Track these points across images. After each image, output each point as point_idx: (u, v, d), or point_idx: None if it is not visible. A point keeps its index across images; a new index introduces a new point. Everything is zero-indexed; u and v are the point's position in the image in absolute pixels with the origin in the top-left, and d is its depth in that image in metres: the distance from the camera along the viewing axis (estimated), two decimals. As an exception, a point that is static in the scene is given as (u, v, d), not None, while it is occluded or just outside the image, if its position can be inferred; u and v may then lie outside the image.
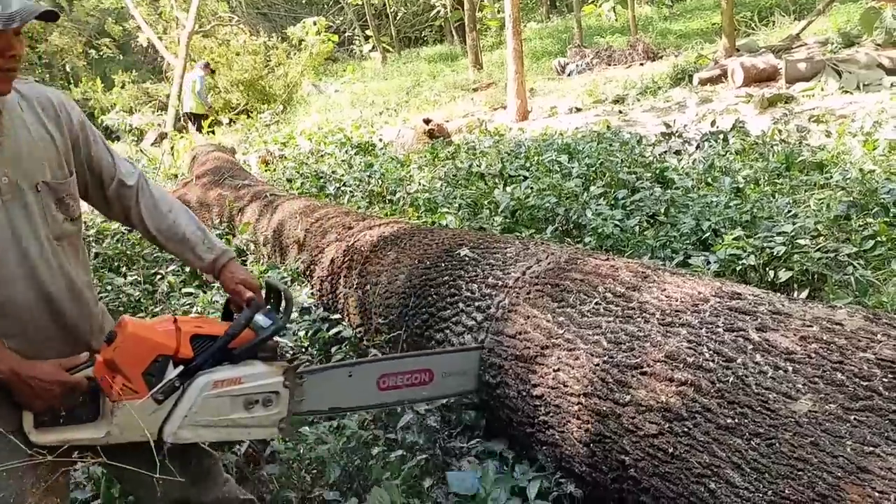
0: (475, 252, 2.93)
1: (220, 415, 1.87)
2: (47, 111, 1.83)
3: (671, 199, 4.59)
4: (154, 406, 1.80)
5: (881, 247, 3.66)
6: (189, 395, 1.84)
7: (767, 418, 1.55)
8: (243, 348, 1.92)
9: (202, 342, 1.87)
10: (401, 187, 6.12)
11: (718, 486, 1.58)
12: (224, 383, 1.86)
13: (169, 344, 1.82)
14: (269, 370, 1.94)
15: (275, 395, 1.93)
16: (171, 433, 1.83)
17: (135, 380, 1.77)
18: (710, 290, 2.02)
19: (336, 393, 2.17)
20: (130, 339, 1.77)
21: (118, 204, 2.02)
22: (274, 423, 1.95)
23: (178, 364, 1.83)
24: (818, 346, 1.61)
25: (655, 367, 1.86)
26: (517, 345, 2.33)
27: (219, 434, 1.90)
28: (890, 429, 1.37)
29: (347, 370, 2.22)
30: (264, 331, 1.94)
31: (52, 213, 1.82)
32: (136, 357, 1.78)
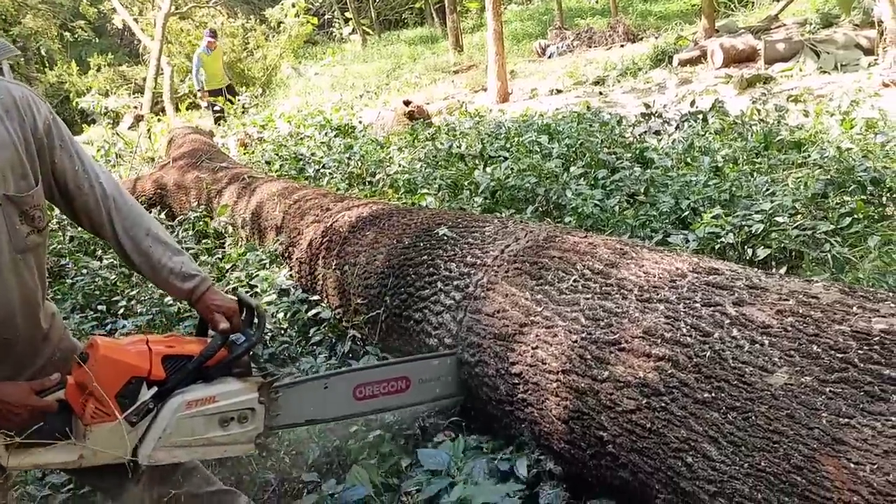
0: (454, 231, 2.91)
1: (196, 434, 1.85)
2: (10, 113, 1.68)
3: (651, 178, 4.58)
4: (128, 428, 1.77)
5: (857, 224, 3.67)
6: (163, 416, 1.81)
7: (744, 392, 1.55)
8: (217, 366, 1.90)
9: (174, 362, 1.84)
10: (380, 169, 6.08)
11: (695, 459, 1.58)
12: (198, 403, 1.85)
13: (142, 366, 1.79)
14: (244, 387, 1.93)
15: (250, 411, 1.92)
16: (145, 455, 1.80)
17: (108, 403, 1.74)
18: (687, 266, 2.01)
19: (312, 405, 2.15)
20: (103, 362, 1.73)
21: (87, 218, 1.88)
22: (250, 439, 1.94)
23: (152, 385, 1.80)
24: (794, 320, 1.61)
25: (633, 342, 1.86)
26: (496, 323, 2.31)
27: (194, 454, 1.89)
28: (865, 400, 1.37)
29: (323, 382, 2.20)
30: (238, 348, 1.93)
31: (16, 226, 1.69)
32: (109, 379, 1.74)
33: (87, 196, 1.83)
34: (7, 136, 1.66)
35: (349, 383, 2.24)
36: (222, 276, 4.26)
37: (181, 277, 1.94)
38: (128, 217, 1.90)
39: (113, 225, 1.88)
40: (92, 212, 1.86)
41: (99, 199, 1.85)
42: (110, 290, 4.24)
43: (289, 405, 2.07)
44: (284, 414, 2.06)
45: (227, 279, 4.14)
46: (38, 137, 1.72)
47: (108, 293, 4.19)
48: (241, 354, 1.93)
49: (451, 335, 2.49)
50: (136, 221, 1.92)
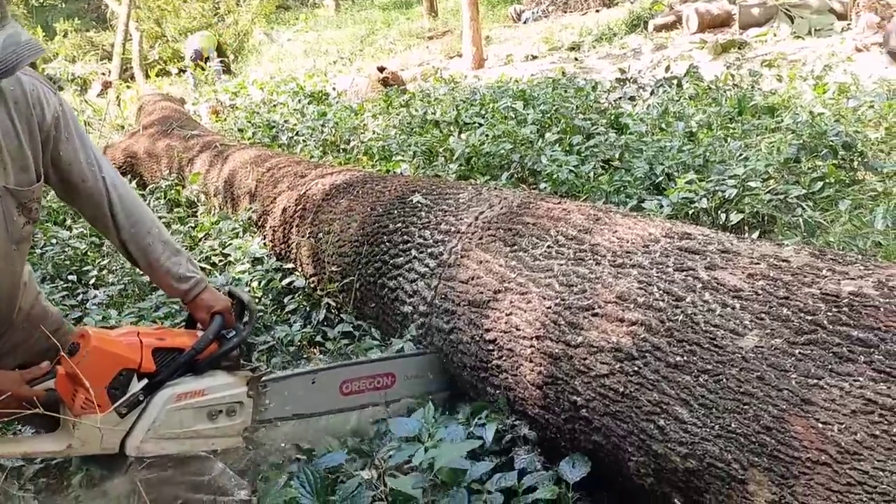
0: (428, 198, 2.89)
1: (184, 427, 1.87)
2: (19, 106, 1.67)
3: (625, 144, 4.58)
4: (116, 419, 1.78)
5: (829, 188, 3.70)
6: (152, 409, 1.83)
7: (715, 355, 1.56)
8: (207, 360, 1.91)
9: (164, 355, 1.85)
10: (355, 136, 6.02)
11: (667, 422, 1.59)
12: (187, 395, 1.86)
13: (133, 358, 1.80)
14: (233, 380, 1.95)
15: (239, 404, 1.94)
16: (133, 447, 1.82)
17: (98, 394, 1.74)
18: (660, 231, 2.02)
19: (299, 400, 2.16)
20: (94, 353, 1.74)
21: (89, 210, 1.89)
22: (238, 432, 1.97)
23: (142, 377, 1.81)
24: (765, 283, 1.62)
25: (606, 308, 1.86)
26: (470, 290, 2.31)
27: (182, 446, 1.90)
28: (833, 361, 1.38)
29: (311, 377, 2.22)
30: (227, 342, 1.95)
31: (14, 217, 1.71)
32: (99, 371, 1.75)
33: (90, 189, 1.84)
34: (11, 129, 1.65)
35: (336, 378, 2.25)
36: (195, 245, 4.21)
37: (177, 278, 1.96)
38: (130, 213, 1.91)
39: (115, 219, 1.88)
40: (95, 205, 1.86)
41: (102, 193, 1.85)
42: (81, 259, 4.18)
43: (276, 399, 2.09)
44: (272, 408, 2.07)
45: (199, 248, 4.10)
46: (44, 130, 1.72)
47: (78, 263, 4.12)
48: (231, 349, 1.96)
49: (426, 303, 2.48)
50: (138, 218, 1.92)
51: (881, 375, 1.30)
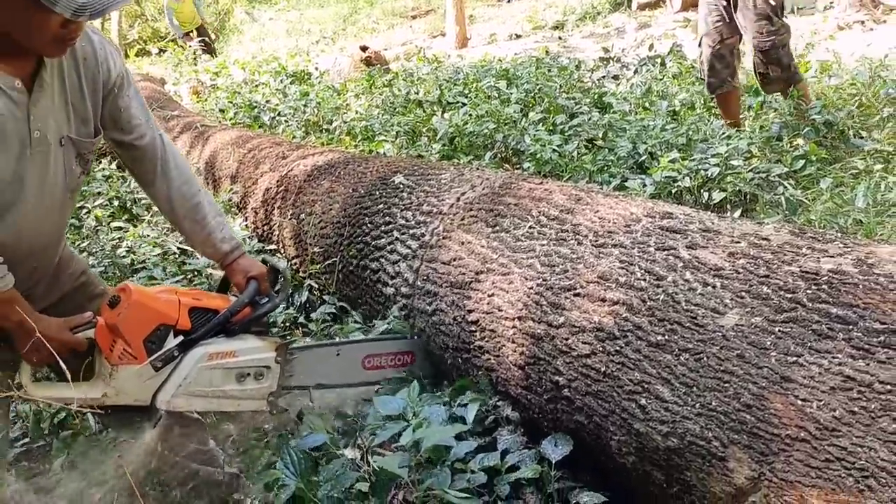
0: (410, 179, 2.87)
1: (213, 386, 1.93)
2: (88, 63, 1.79)
3: (609, 123, 4.58)
4: (151, 373, 1.85)
5: (811, 166, 3.72)
6: (185, 365, 1.89)
7: (696, 334, 1.56)
8: (239, 323, 1.99)
9: (199, 315, 1.93)
10: (337, 116, 5.97)
11: (649, 401, 1.60)
12: (219, 356, 1.93)
13: (171, 314, 1.88)
14: (263, 345, 2.01)
15: (266, 369, 2.00)
16: (164, 401, 1.88)
17: (135, 346, 1.83)
18: (642, 211, 2.01)
19: (324, 370, 2.21)
20: (135, 307, 1.82)
21: (142, 167, 2.00)
22: (263, 396, 2.01)
23: (178, 334, 1.89)
24: (746, 262, 1.62)
25: (588, 287, 1.86)
26: (452, 271, 2.30)
27: (210, 404, 1.96)
28: (813, 339, 1.39)
29: (336, 349, 2.27)
30: (261, 307, 2.02)
31: (72, 167, 1.83)
32: (139, 324, 1.83)
33: (147, 145, 1.97)
34: (77, 83, 1.77)
35: (360, 352, 2.31)
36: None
37: (221, 239, 2.08)
38: (182, 171, 2.03)
39: (167, 177, 2.00)
40: (150, 160, 1.98)
41: (157, 149, 1.98)
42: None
43: (302, 367, 2.14)
44: (297, 375, 2.13)
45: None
46: (108, 88, 1.84)
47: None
48: (264, 314, 2.03)
49: (408, 284, 2.47)
50: (189, 177, 2.05)
51: (860, 352, 1.31)
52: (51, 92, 1.72)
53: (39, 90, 1.70)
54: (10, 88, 1.66)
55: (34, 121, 1.70)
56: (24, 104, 1.68)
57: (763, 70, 4.19)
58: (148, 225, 4.24)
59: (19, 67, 1.67)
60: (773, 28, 4.10)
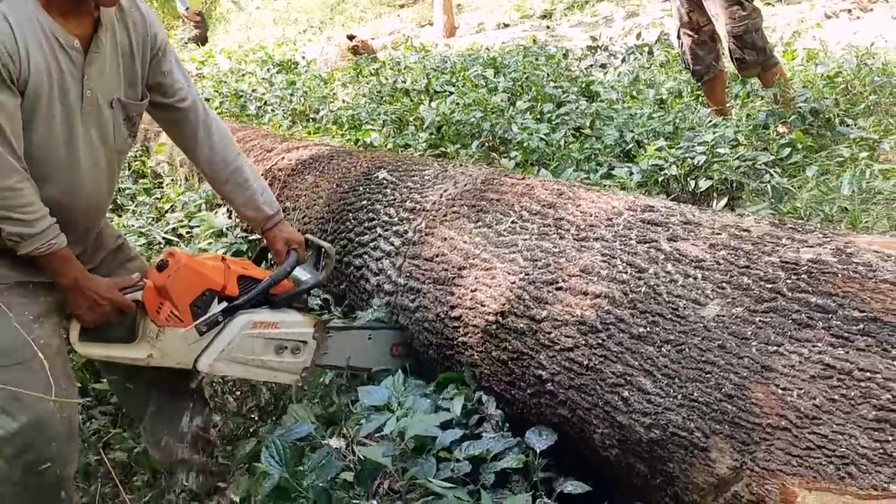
0: (394, 175, 2.85)
1: (253, 354, 1.99)
2: (137, 28, 1.86)
3: (596, 112, 4.56)
4: (195, 337, 1.91)
5: (797, 154, 3.72)
6: (229, 331, 1.94)
7: (678, 325, 1.56)
8: (283, 297, 2.05)
9: (247, 283, 1.98)
10: (324, 105, 5.94)
11: (631, 393, 1.59)
12: (263, 325, 1.99)
13: (218, 280, 1.93)
14: (303, 320, 2.07)
15: (303, 344, 2.06)
16: (206, 364, 1.93)
17: (182, 309, 1.88)
18: (623, 205, 2.00)
19: (356, 352, 2.25)
20: (184, 270, 1.88)
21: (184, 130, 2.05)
22: (298, 370, 2.07)
23: (223, 300, 1.94)
24: (726, 253, 1.62)
25: (570, 281, 1.85)
26: (435, 268, 2.29)
27: (248, 372, 2.02)
28: (793, 328, 1.38)
29: (368, 333, 2.31)
30: (304, 284, 2.09)
31: (121, 129, 1.90)
32: (187, 288, 1.88)
33: (189, 107, 2.03)
34: (128, 47, 1.85)
35: (390, 339, 2.35)
36: (161, 217, 4.16)
37: (264, 202, 2.13)
38: (223, 134, 2.09)
39: (210, 140, 2.05)
40: (192, 122, 2.04)
41: (199, 114, 2.04)
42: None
43: (336, 347, 2.18)
44: (331, 354, 2.17)
45: (166, 220, 4.04)
46: (154, 53, 1.92)
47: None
48: (307, 290, 2.10)
49: (391, 281, 2.46)
50: (230, 140, 2.11)
51: (839, 340, 1.31)
52: (104, 54, 1.78)
53: (95, 51, 1.76)
54: (70, 47, 1.72)
55: (87, 81, 1.76)
56: (80, 64, 1.74)
57: (739, 55, 4.19)
58: (133, 215, 4.22)
59: (77, 27, 1.73)
60: (745, 13, 4.10)
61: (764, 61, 4.25)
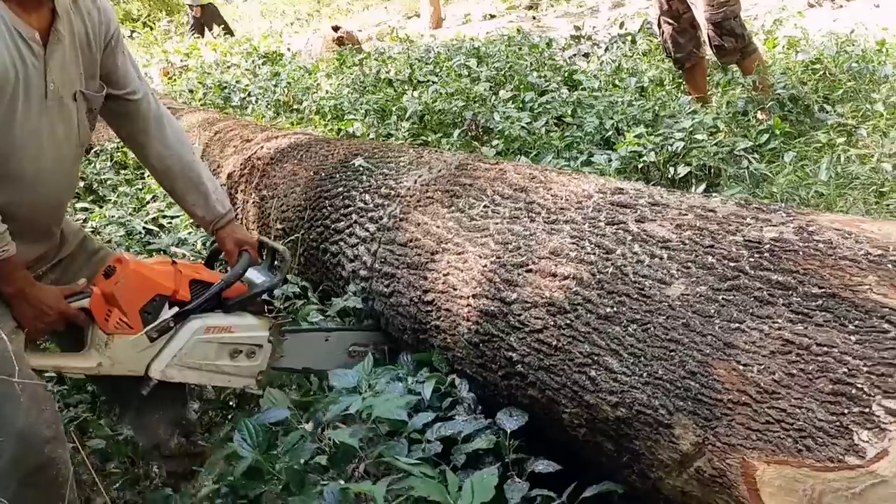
0: (370, 162, 2.85)
1: (207, 359, 1.95)
2: (92, 17, 1.81)
3: (578, 100, 4.57)
4: (146, 343, 1.86)
5: (775, 140, 3.74)
6: (181, 336, 1.90)
7: (643, 305, 1.57)
8: (236, 300, 2.00)
9: (199, 287, 1.93)
10: (307, 96, 5.92)
11: (598, 372, 1.60)
12: (216, 329, 1.95)
13: (168, 285, 1.88)
14: (258, 323, 2.04)
15: (258, 347, 2.03)
16: (158, 371, 1.89)
17: (132, 315, 1.83)
18: (594, 188, 2.01)
19: (312, 355, 2.22)
20: (133, 276, 1.82)
21: (134, 125, 1.99)
22: (253, 374, 2.04)
23: (174, 305, 1.89)
24: (692, 233, 1.63)
25: (540, 263, 1.85)
26: (408, 253, 2.29)
27: (202, 378, 2.00)
28: (755, 305, 1.39)
29: (325, 335, 2.28)
30: (258, 286, 2.03)
31: (84, 122, 1.84)
32: (136, 294, 1.83)
33: (141, 101, 1.97)
34: (85, 37, 1.79)
35: (347, 341, 2.32)
36: (142, 207, 4.14)
37: (216, 201, 2.07)
38: (175, 129, 2.03)
39: (162, 134, 1.99)
40: (143, 117, 1.97)
41: (151, 107, 1.98)
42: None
43: (292, 349, 2.15)
44: (287, 357, 2.14)
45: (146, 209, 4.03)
46: (107, 44, 1.87)
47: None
48: (261, 293, 2.04)
49: (366, 267, 2.46)
50: (182, 138, 2.05)
51: (798, 316, 1.31)
52: (64, 45, 1.73)
53: (55, 43, 1.71)
54: (31, 40, 1.67)
55: (50, 73, 1.71)
56: (42, 56, 1.69)
57: (718, 42, 4.21)
58: (114, 206, 4.20)
59: (37, 19, 1.68)
60: (723, 0, 4.12)
61: (743, 48, 4.27)
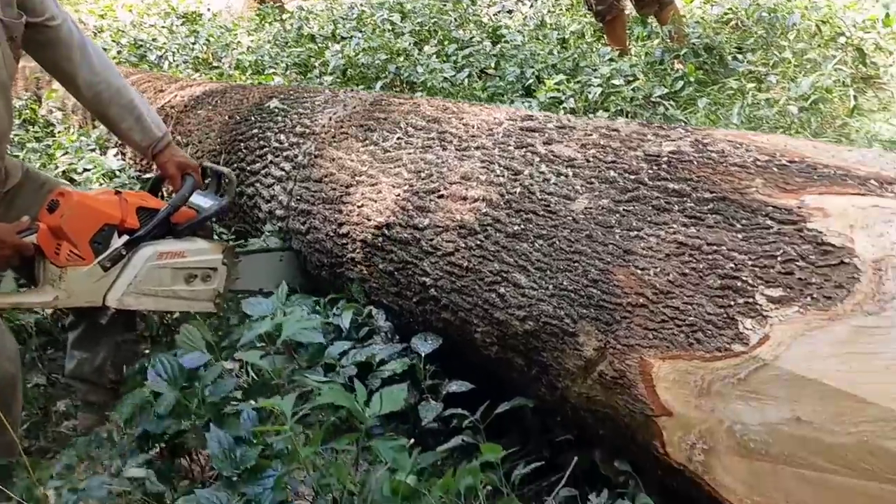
0: (285, 103, 2.80)
1: (162, 285, 1.96)
2: None
3: (501, 52, 4.57)
4: (100, 273, 1.87)
5: (689, 87, 3.82)
6: (134, 264, 1.91)
7: (549, 220, 1.59)
8: (186, 225, 2.01)
9: (146, 214, 1.94)
10: (227, 52, 5.76)
11: (507, 289, 1.62)
12: (168, 255, 1.95)
13: (115, 214, 1.88)
14: (210, 247, 2.05)
15: (213, 271, 2.04)
16: (115, 299, 1.90)
17: (82, 247, 1.84)
18: (505, 116, 2.02)
19: (267, 275, 2.24)
20: (78, 208, 1.82)
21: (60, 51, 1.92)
22: (210, 297, 2.05)
23: (123, 234, 1.90)
24: (596, 151, 1.66)
25: (451, 188, 1.86)
26: (324, 188, 2.27)
27: (159, 304, 2.00)
28: (652, 213, 1.43)
29: (279, 255, 2.32)
30: (206, 211, 2.04)
31: (7, 50, 1.78)
32: (83, 225, 1.84)
33: (62, 29, 1.90)
34: None
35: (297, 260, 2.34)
36: (51, 161, 3.98)
37: (153, 123, 2.03)
38: (100, 56, 1.98)
39: (88, 62, 1.93)
40: (66, 45, 1.91)
41: (73, 33, 1.92)
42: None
43: (248, 271, 2.17)
44: (243, 279, 2.16)
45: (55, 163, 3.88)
46: None
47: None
48: (210, 216, 2.06)
49: (283, 206, 2.43)
50: (109, 63, 2.00)
51: (691, 220, 1.36)
52: None
53: None
54: None
55: None
56: None
57: None
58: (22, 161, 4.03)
59: None
60: None
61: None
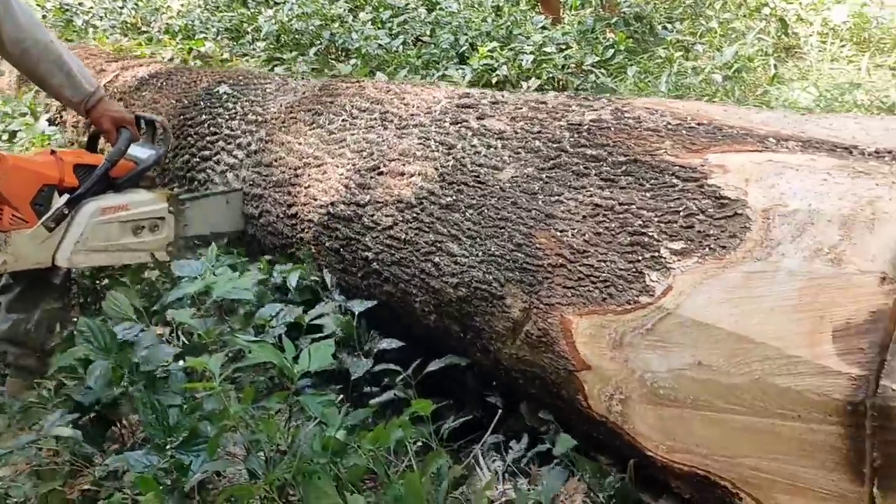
0: (235, 89, 2.86)
1: (110, 240, 2.00)
2: None
3: (436, 20, 4.64)
4: (45, 234, 1.90)
5: (620, 56, 3.96)
6: (78, 222, 1.94)
7: (479, 190, 1.71)
8: (125, 178, 2.04)
9: (84, 171, 1.96)
10: (156, 16, 5.71)
11: (441, 258, 1.73)
12: (112, 210, 1.98)
13: (53, 174, 1.91)
14: (153, 197, 2.08)
15: (160, 220, 2.09)
16: (64, 259, 1.94)
17: (24, 209, 1.87)
18: (443, 94, 2.12)
19: (216, 218, 2.30)
20: (13, 171, 1.85)
21: None
22: (162, 246, 2.11)
23: (64, 193, 1.92)
24: (524, 123, 1.77)
25: (390, 165, 1.96)
26: (274, 172, 2.36)
27: (111, 258, 2.05)
28: (572, 179, 1.55)
29: (224, 198, 2.36)
30: (144, 161, 2.07)
31: None
32: (21, 187, 1.86)
33: None
34: None
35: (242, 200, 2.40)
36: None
37: (84, 79, 2.01)
38: (26, 13, 1.94)
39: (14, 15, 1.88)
40: None
41: None
42: None
43: (196, 217, 2.22)
44: (192, 224, 2.21)
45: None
46: None
47: None
48: (149, 167, 2.10)
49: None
50: (35, 20, 1.96)
51: (606, 183, 1.48)
52: None
53: None
54: None
55: None
56: None
57: None
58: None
59: None
60: None
61: None
